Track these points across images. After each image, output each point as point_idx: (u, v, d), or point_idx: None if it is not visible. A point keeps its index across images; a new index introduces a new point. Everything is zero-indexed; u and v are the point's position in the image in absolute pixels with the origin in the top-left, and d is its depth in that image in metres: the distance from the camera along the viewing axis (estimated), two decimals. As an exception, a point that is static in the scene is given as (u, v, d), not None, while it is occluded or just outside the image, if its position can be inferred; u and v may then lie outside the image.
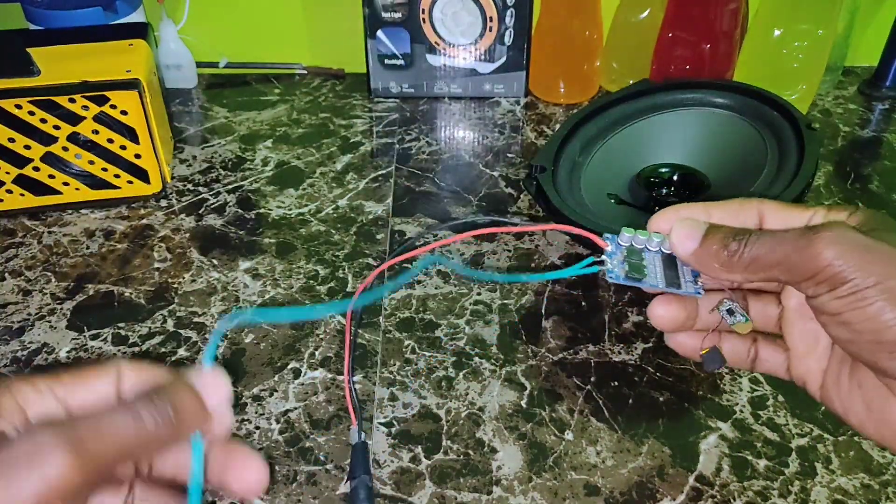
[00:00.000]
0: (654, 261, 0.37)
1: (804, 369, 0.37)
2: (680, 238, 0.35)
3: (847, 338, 0.32)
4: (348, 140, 0.73)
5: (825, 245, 0.31)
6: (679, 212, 0.36)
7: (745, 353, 0.38)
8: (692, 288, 0.36)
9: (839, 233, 0.31)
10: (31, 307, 0.54)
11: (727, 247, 0.34)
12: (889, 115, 0.78)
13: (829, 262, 0.31)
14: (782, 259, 0.32)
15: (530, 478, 0.44)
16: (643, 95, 0.66)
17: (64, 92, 0.57)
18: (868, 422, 0.34)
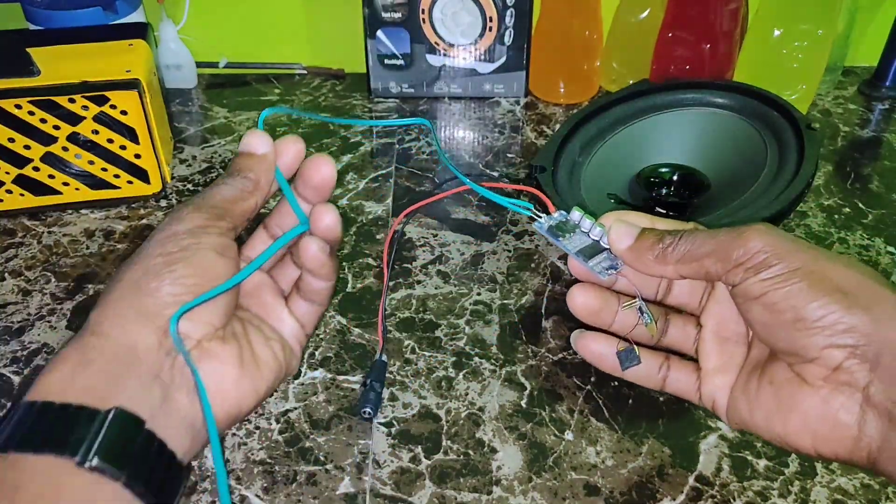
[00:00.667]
0: (584, 240, 0.40)
1: (714, 386, 0.38)
2: (618, 234, 0.38)
3: (767, 321, 0.34)
4: (348, 140, 0.73)
5: (755, 234, 0.34)
6: (627, 215, 0.39)
7: (655, 371, 0.40)
8: (598, 268, 0.39)
9: (767, 226, 0.34)
10: (30, 307, 0.54)
11: (662, 240, 0.37)
12: (889, 115, 0.78)
13: (759, 249, 0.33)
14: (714, 249, 0.35)
15: (530, 478, 0.44)
16: (643, 95, 0.66)
17: (64, 92, 0.57)
18: (775, 416, 0.35)
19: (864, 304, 0.32)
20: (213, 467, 0.44)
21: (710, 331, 0.39)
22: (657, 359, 0.40)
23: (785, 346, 0.34)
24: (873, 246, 0.60)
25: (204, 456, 0.44)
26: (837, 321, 0.32)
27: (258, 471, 0.44)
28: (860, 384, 0.32)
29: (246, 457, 0.44)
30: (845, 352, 0.32)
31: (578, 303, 0.40)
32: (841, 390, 0.33)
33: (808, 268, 0.32)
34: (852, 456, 0.33)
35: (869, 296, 0.32)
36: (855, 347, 0.32)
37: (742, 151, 0.61)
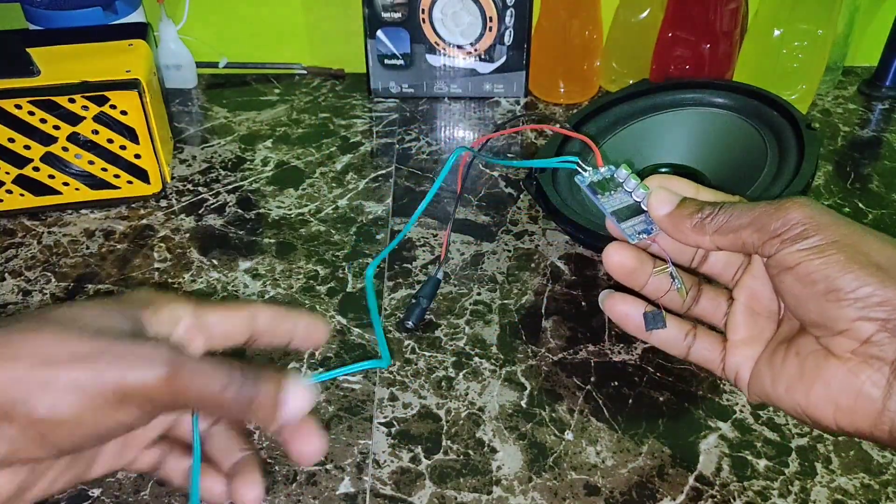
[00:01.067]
0: (623, 199, 0.40)
1: (740, 357, 0.38)
2: (658, 199, 0.38)
3: (799, 292, 0.34)
4: (348, 140, 0.73)
5: (795, 207, 0.34)
6: (671, 179, 0.39)
7: (681, 338, 0.40)
8: (630, 230, 0.39)
9: (808, 200, 0.34)
10: (30, 307, 0.54)
11: (701, 210, 0.36)
12: (889, 114, 0.78)
13: (797, 220, 0.33)
14: (752, 220, 0.34)
15: (530, 478, 0.44)
16: (643, 95, 0.66)
17: (64, 92, 0.57)
18: (798, 385, 0.35)
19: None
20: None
21: (742, 304, 0.39)
22: (684, 326, 0.40)
23: (815, 318, 0.34)
24: (873, 246, 0.60)
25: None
26: (871, 294, 0.32)
27: (258, 471, 0.44)
28: (889, 358, 0.32)
29: (246, 457, 0.44)
30: (876, 325, 0.32)
31: (615, 261, 0.39)
32: (869, 363, 0.32)
33: (845, 241, 0.32)
34: (874, 430, 0.33)
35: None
36: (886, 321, 0.32)
37: (742, 151, 0.61)
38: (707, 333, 0.40)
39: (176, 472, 0.35)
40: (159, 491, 0.43)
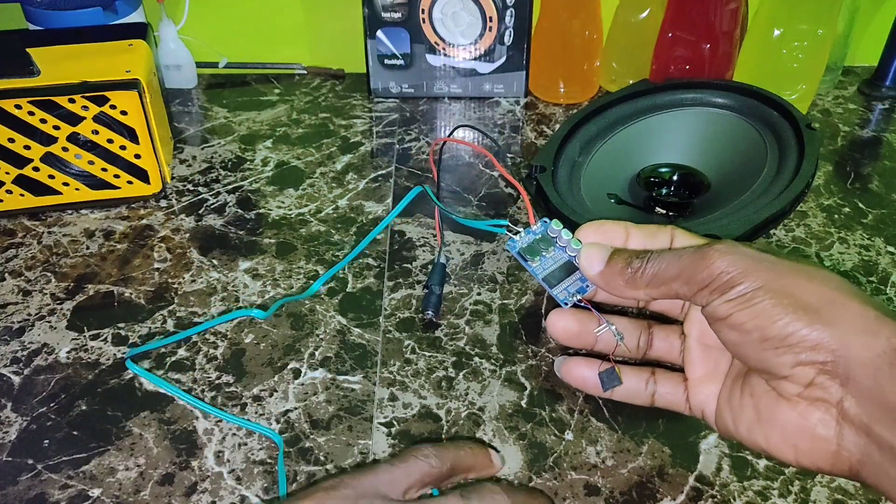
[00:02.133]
0: (557, 258, 0.41)
1: (703, 396, 0.39)
2: (588, 259, 0.39)
3: (737, 340, 0.34)
4: (348, 140, 0.73)
5: (717, 255, 0.34)
6: (602, 226, 0.40)
7: (642, 387, 0.41)
8: (563, 295, 0.40)
9: (729, 245, 0.34)
10: (30, 307, 0.54)
11: (630, 265, 0.37)
12: (889, 114, 0.78)
13: (721, 270, 0.33)
14: (679, 272, 0.35)
15: (530, 478, 0.44)
16: (643, 95, 0.66)
17: (64, 92, 0.57)
18: (757, 428, 0.35)
19: (828, 319, 0.32)
20: (213, 467, 0.44)
21: (695, 339, 0.39)
22: (643, 374, 0.41)
23: (757, 365, 0.34)
24: (873, 246, 0.60)
25: (204, 456, 0.44)
26: (804, 338, 0.32)
27: (258, 471, 0.44)
28: (834, 399, 0.32)
29: (246, 457, 0.44)
30: (815, 368, 0.32)
31: (559, 328, 0.41)
32: (816, 406, 0.33)
33: (771, 285, 0.33)
34: (834, 468, 0.33)
35: (833, 309, 0.32)
36: (824, 364, 0.32)
37: (742, 151, 0.61)
38: (667, 376, 0.41)
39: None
40: (159, 491, 0.43)
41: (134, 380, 0.49)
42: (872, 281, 0.57)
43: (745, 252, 0.34)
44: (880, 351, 0.31)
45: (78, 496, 0.42)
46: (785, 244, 0.60)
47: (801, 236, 0.61)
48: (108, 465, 0.44)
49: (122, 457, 0.44)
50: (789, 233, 0.61)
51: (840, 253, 0.60)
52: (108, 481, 0.43)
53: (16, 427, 0.46)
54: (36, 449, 0.45)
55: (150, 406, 0.47)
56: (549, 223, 0.41)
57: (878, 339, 0.31)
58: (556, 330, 0.41)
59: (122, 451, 0.45)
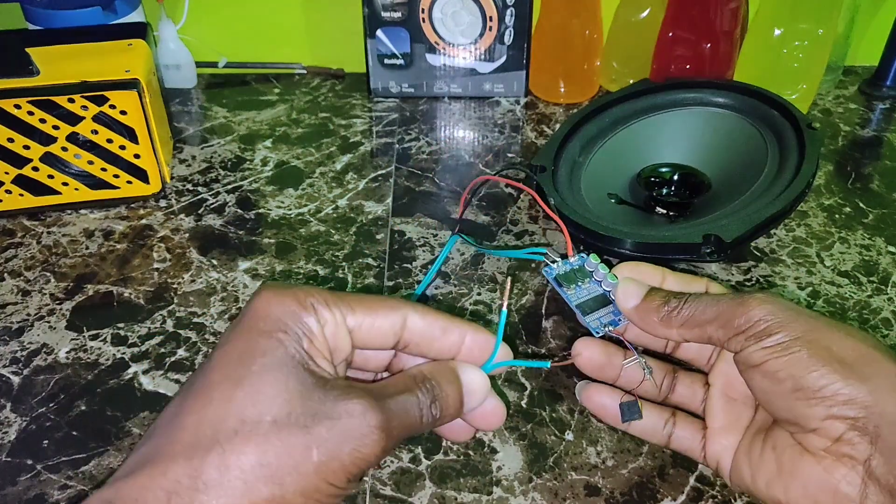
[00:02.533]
0: (591, 290, 0.41)
1: (720, 447, 0.38)
2: (626, 293, 0.39)
3: (768, 388, 0.34)
4: (348, 140, 0.73)
5: (756, 303, 0.34)
6: (639, 267, 0.40)
7: (661, 426, 0.40)
8: (596, 324, 0.40)
9: (769, 295, 0.35)
10: (30, 307, 0.54)
11: (667, 303, 0.37)
12: (890, 114, 0.78)
13: (760, 318, 0.34)
14: (716, 316, 0.35)
15: (530, 478, 0.43)
16: (643, 95, 0.66)
17: (63, 92, 0.57)
18: (777, 482, 0.35)
19: (863, 375, 0.32)
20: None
21: (718, 390, 0.39)
22: (663, 414, 0.41)
23: (786, 415, 0.34)
24: (874, 246, 0.60)
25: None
26: (837, 392, 0.32)
27: (258, 471, 0.44)
28: (861, 457, 0.31)
29: (245, 457, 0.44)
30: (846, 424, 0.32)
31: (584, 356, 0.40)
32: (843, 462, 0.32)
33: (809, 336, 0.33)
34: None
35: (868, 366, 0.32)
36: (855, 420, 0.31)
37: (743, 151, 0.61)
38: (687, 421, 0.40)
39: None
40: (159, 491, 0.42)
41: (133, 380, 0.49)
42: (873, 281, 0.57)
43: (784, 303, 0.34)
44: None
45: (77, 496, 0.42)
46: (786, 244, 0.60)
47: (801, 236, 0.61)
48: (108, 465, 0.44)
49: (122, 457, 0.44)
50: (790, 232, 0.61)
51: (841, 253, 0.59)
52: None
53: (15, 427, 0.46)
54: (35, 449, 0.45)
55: (149, 406, 0.47)
56: (587, 257, 0.42)
57: None
58: (582, 359, 0.41)
59: (121, 452, 0.45)
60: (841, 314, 0.54)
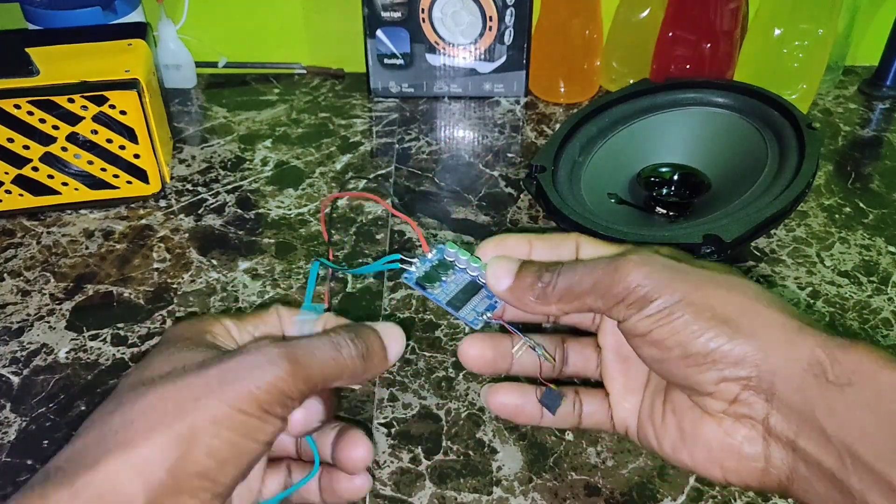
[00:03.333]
0: (458, 281, 0.38)
1: (624, 412, 0.37)
2: (495, 275, 0.36)
3: (658, 357, 0.32)
4: (348, 140, 0.73)
5: (632, 267, 0.32)
6: (504, 241, 0.37)
7: (570, 409, 0.38)
8: (472, 316, 0.37)
9: (644, 256, 0.33)
10: (29, 308, 0.54)
11: (540, 278, 0.34)
12: (890, 114, 0.78)
13: (637, 283, 0.32)
14: (593, 286, 0.33)
15: (531, 478, 0.43)
16: (643, 95, 0.65)
17: (63, 92, 0.57)
18: (681, 446, 0.34)
19: (750, 332, 0.31)
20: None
21: (610, 351, 0.37)
22: (569, 395, 0.38)
23: (679, 381, 0.33)
24: (874, 246, 0.60)
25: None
26: (726, 353, 0.30)
27: (258, 471, 0.44)
28: (759, 416, 0.31)
29: (245, 457, 0.44)
30: (739, 384, 0.31)
31: (472, 356, 0.37)
32: (742, 422, 0.32)
33: (690, 298, 0.31)
34: (763, 486, 0.32)
35: (754, 322, 0.31)
36: (748, 379, 0.30)
37: (743, 151, 0.60)
38: (591, 394, 0.38)
39: (307, 484, 0.36)
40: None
41: (133, 380, 0.49)
42: (873, 281, 0.57)
43: (660, 262, 0.32)
44: (805, 363, 0.30)
45: None
46: (786, 244, 0.60)
47: (801, 236, 0.61)
48: (108, 465, 0.44)
49: (122, 457, 0.44)
50: (790, 232, 0.61)
51: (841, 253, 0.59)
52: (108, 482, 0.43)
53: (15, 427, 0.46)
54: (35, 449, 0.45)
55: (149, 406, 0.47)
56: (443, 248, 0.39)
57: (802, 350, 0.30)
58: (470, 359, 0.37)
59: (121, 452, 0.44)
60: (841, 314, 0.54)
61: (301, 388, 0.29)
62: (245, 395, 0.28)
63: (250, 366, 0.29)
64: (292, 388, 0.29)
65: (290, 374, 0.29)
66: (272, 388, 0.28)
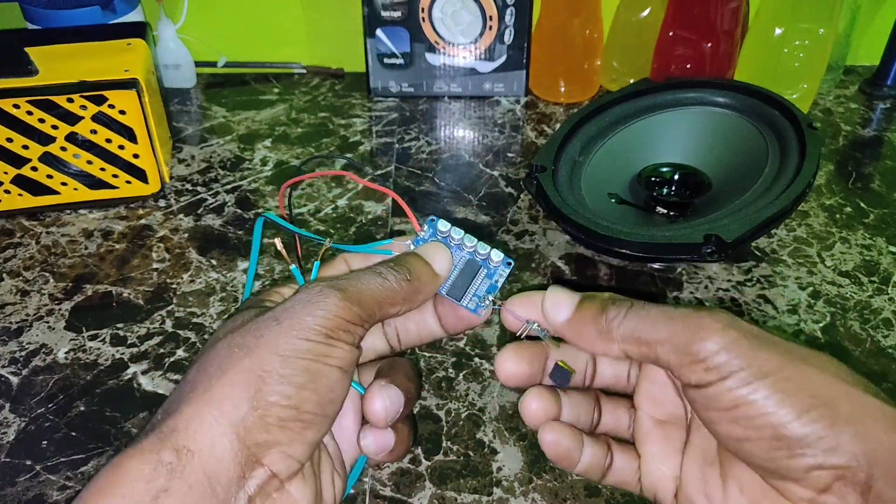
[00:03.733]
0: (455, 260, 0.36)
1: (655, 477, 0.34)
2: (553, 304, 0.33)
3: (740, 435, 0.29)
4: (347, 140, 0.73)
5: (718, 328, 0.29)
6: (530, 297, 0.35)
7: (602, 460, 0.35)
8: (473, 304, 0.35)
9: (729, 318, 0.29)
10: (29, 308, 0.54)
11: (605, 313, 0.31)
12: (890, 114, 0.78)
13: (722, 347, 0.28)
14: (669, 336, 0.29)
15: (531, 479, 0.43)
16: (644, 95, 0.65)
17: (62, 91, 0.57)
18: None
19: (848, 417, 0.27)
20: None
21: (646, 413, 0.35)
22: (602, 447, 0.35)
23: (761, 463, 0.29)
24: (875, 246, 0.60)
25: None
26: (822, 438, 0.27)
27: (257, 472, 0.44)
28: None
29: (245, 458, 0.44)
30: (833, 474, 0.27)
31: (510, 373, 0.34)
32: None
33: (784, 373, 0.28)
34: None
35: (853, 406, 0.28)
36: (845, 468, 0.27)
37: (743, 151, 0.60)
38: (621, 450, 0.36)
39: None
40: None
41: (132, 381, 0.49)
42: (874, 281, 0.57)
43: (747, 330, 0.29)
44: None
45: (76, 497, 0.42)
46: (787, 244, 0.60)
47: (802, 236, 0.61)
48: (107, 466, 0.44)
49: (121, 458, 0.44)
50: (790, 232, 0.61)
51: (842, 253, 0.59)
52: (107, 483, 0.43)
53: (14, 428, 0.46)
54: (34, 450, 0.45)
55: (148, 407, 0.47)
56: (435, 222, 0.36)
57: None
58: (508, 374, 0.34)
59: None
60: (842, 314, 0.54)
61: (356, 311, 0.30)
62: (303, 325, 0.29)
63: (302, 301, 0.30)
64: (347, 312, 0.30)
65: (342, 300, 0.30)
66: (328, 315, 0.30)
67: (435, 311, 0.37)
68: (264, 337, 0.29)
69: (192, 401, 0.28)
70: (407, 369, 0.36)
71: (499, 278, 0.36)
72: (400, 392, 0.33)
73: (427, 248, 0.35)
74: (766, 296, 0.55)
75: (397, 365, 0.36)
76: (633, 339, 0.31)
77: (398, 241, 0.36)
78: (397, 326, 0.38)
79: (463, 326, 0.37)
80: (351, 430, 0.35)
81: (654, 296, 0.55)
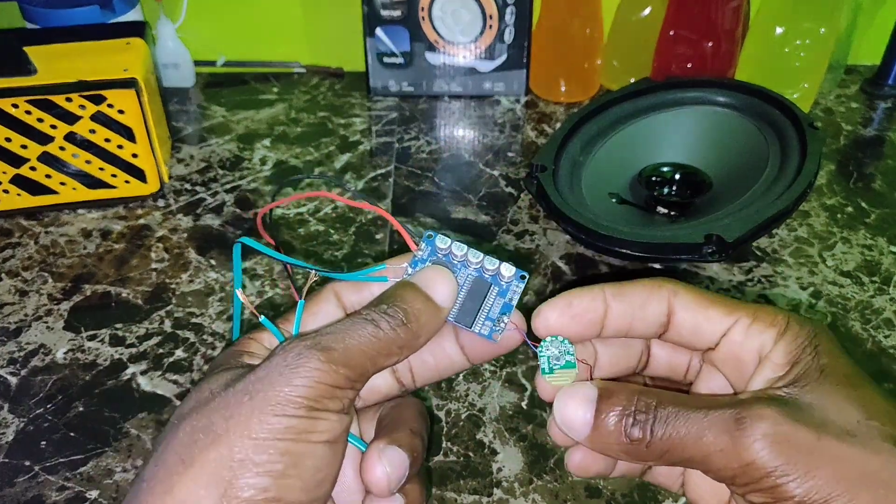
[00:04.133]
0: (461, 280, 0.31)
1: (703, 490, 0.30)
2: (567, 416, 0.27)
3: None
4: (347, 139, 0.73)
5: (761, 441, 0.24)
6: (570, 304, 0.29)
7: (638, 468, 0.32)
8: (486, 329, 0.30)
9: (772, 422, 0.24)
10: (27, 308, 0.54)
11: (632, 416, 0.26)
12: (892, 113, 0.78)
13: (766, 464, 0.24)
14: (707, 454, 0.25)
15: (531, 480, 0.43)
16: (644, 94, 0.65)
17: (61, 91, 0.57)
18: None
19: None
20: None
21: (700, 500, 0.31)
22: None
23: None
24: (876, 245, 0.60)
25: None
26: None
27: (256, 473, 0.43)
28: None
29: (244, 459, 0.44)
30: None
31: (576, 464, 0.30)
32: None
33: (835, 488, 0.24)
34: None
35: None
36: None
37: (744, 150, 0.60)
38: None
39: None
40: (156, 493, 0.42)
41: (131, 381, 0.49)
42: (875, 281, 0.56)
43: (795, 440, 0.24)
44: None
45: (75, 498, 0.42)
46: (788, 244, 0.60)
47: (803, 236, 0.61)
48: (106, 466, 0.44)
49: (120, 458, 0.44)
50: (791, 232, 0.61)
51: (843, 253, 0.59)
52: (106, 483, 0.43)
53: (13, 428, 0.46)
54: (33, 450, 0.44)
55: (147, 407, 0.47)
56: (433, 238, 0.32)
57: None
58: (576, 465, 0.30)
59: (119, 453, 0.44)
60: (843, 314, 0.54)
61: (344, 372, 0.26)
62: (279, 399, 0.25)
63: (278, 368, 0.25)
64: (333, 376, 0.25)
65: (325, 363, 0.25)
66: (309, 383, 0.25)
67: (456, 340, 0.32)
68: (233, 418, 0.24)
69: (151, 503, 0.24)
70: (412, 418, 0.30)
71: (513, 296, 0.31)
72: (403, 453, 0.28)
73: (425, 276, 0.30)
74: (767, 296, 0.55)
75: (401, 413, 0.30)
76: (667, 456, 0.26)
77: (393, 266, 0.32)
78: (410, 360, 0.32)
79: (490, 355, 0.32)
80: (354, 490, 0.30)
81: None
